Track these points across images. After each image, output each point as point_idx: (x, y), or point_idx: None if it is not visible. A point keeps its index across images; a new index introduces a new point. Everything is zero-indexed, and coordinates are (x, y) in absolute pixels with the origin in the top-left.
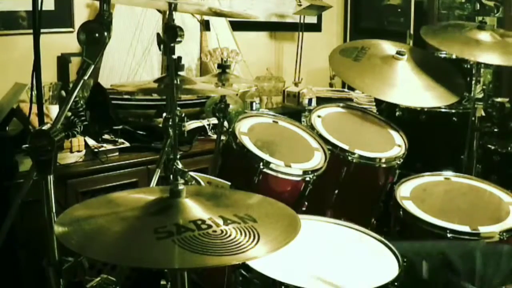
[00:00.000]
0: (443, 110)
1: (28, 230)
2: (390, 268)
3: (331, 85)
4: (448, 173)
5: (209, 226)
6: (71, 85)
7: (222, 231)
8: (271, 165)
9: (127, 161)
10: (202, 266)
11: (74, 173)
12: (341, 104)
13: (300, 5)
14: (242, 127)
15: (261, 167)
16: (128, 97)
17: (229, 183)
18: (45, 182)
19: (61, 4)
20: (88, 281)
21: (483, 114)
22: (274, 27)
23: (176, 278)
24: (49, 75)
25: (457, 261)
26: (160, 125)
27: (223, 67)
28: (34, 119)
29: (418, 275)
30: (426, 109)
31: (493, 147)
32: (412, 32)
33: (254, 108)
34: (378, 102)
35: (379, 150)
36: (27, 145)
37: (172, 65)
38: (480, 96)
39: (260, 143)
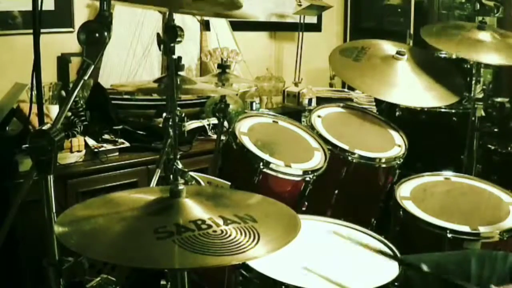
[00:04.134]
0: (443, 110)
1: (28, 230)
2: (390, 268)
3: (331, 85)
4: (448, 173)
5: (209, 226)
6: (71, 85)
7: (222, 231)
8: (271, 165)
9: (127, 161)
10: (202, 266)
11: (74, 173)
12: (341, 104)
13: (300, 5)
14: (242, 127)
15: (261, 167)
16: (128, 97)
17: (229, 183)
18: (45, 182)
19: (61, 4)
20: (88, 281)
21: (483, 114)
22: (274, 27)
23: (176, 278)
24: (49, 75)
25: (453, 270)
26: (160, 125)
27: (223, 67)
28: (34, 119)
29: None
30: (426, 109)
31: (493, 147)
32: (412, 32)
33: (254, 108)
34: (378, 102)
35: (379, 150)
36: (27, 145)
37: (172, 65)
38: (480, 96)
39: (260, 143)
